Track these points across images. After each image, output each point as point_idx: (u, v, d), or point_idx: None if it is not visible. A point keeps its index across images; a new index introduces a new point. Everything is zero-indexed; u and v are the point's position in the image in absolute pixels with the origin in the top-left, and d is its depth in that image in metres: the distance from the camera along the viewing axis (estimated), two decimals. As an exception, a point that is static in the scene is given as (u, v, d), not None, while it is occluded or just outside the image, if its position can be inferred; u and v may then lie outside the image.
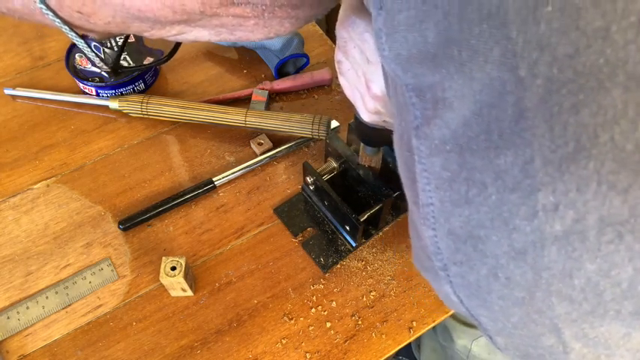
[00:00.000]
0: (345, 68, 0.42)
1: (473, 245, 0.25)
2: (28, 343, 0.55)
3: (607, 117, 0.19)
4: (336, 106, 0.75)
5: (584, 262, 0.22)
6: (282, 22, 0.34)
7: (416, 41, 0.23)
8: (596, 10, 0.18)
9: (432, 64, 0.23)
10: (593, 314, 0.23)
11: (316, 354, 0.55)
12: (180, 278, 0.54)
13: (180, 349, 0.55)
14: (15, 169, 0.68)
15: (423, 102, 0.24)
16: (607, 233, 0.21)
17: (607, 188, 0.20)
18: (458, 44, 0.21)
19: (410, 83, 0.25)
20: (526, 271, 0.24)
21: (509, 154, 0.21)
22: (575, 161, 0.20)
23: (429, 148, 0.25)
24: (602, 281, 0.22)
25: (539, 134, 0.20)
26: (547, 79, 0.20)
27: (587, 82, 0.19)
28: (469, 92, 0.22)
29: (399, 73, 0.25)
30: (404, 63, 0.24)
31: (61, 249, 0.61)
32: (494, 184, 0.23)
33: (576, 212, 0.21)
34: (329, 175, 0.62)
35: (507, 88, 0.21)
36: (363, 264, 0.61)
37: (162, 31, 0.34)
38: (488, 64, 0.21)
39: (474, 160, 0.23)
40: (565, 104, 0.20)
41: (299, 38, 0.76)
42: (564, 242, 0.22)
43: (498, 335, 0.29)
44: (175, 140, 0.71)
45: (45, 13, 0.33)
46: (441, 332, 0.89)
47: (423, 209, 0.27)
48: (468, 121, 0.22)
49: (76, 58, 0.74)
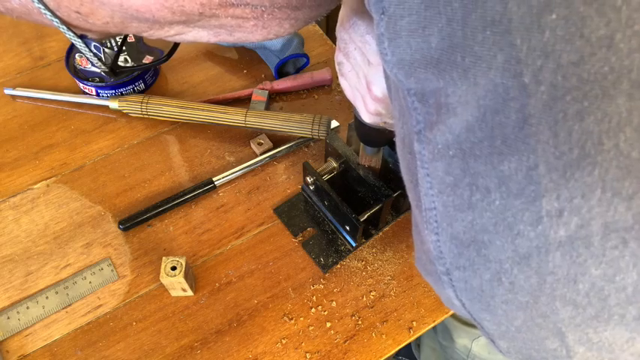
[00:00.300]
0: (345, 70, 0.42)
1: (476, 250, 0.25)
2: (28, 343, 0.55)
3: (612, 124, 0.19)
4: (336, 106, 0.75)
5: (588, 267, 0.22)
6: (282, 23, 0.33)
7: (419, 47, 0.23)
8: (601, 18, 0.18)
9: (435, 69, 0.23)
10: (597, 319, 0.23)
11: (316, 354, 0.55)
12: (180, 278, 0.54)
13: (181, 349, 0.55)
14: (15, 169, 0.68)
15: (425, 107, 0.25)
16: (611, 239, 0.21)
17: (611, 195, 0.20)
18: (461, 50, 0.21)
19: (412, 88, 0.25)
20: (530, 275, 0.24)
21: (513, 160, 0.22)
22: (580, 168, 0.20)
23: (431, 153, 0.25)
24: (607, 286, 0.22)
25: (543, 141, 0.20)
26: (551, 86, 0.20)
27: (592, 89, 0.19)
28: (473, 98, 0.22)
29: (402, 78, 0.25)
30: (407, 68, 0.24)
31: (61, 249, 0.61)
32: (497, 189, 0.23)
33: (581, 218, 0.21)
34: (329, 175, 0.62)
35: (511, 95, 0.21)
36: (363, 264, 0.61)
37: (160, 32, 0.34)
38: (492, 71, 0.21)
39: (478, 165, 0.23)
40: (569, 111, 0.20)
41: (299, 38, 0.76)
42: (569, 248, 0.22)
43: (501, 339, 0.29)
44: (175, 140, 0.71)
45: (43, 12, 0.33)
46: (442, 332, 0.89)
47: (425, 213, 0.27)
48: (471, 127, 0.22)
49: (76, 58, 0.74)
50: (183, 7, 0.30)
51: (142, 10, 0.31)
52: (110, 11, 0.31)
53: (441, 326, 0.89)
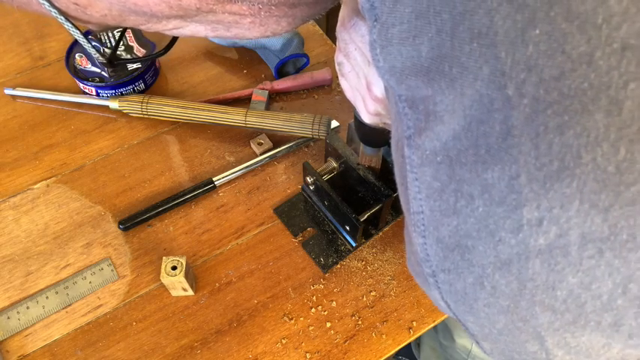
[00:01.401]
0: (345, 70, 0.42)
1: (460, 254, 0.26)
2: (28, 343, 0.55)
3: (590, 139, 0.20)
4: (336, 106, 0.75)
5: (566, 275, 0.23)
6: (279, 20, 0.34)
7: (410, 55, 0.24)
8: (582, 35, 0.19)
9: (425, 77, 0.24)
10: (575, 324, 0.24)
11: (316, 354, 0.55)
12: (181, 278, 0.54)
13: (181, 349, 0.55)
14: (15, 169, 0.68)
15: (415, 113, 0.25)
16: (588, 249, 0.22)
17: (589, 207, 0.21)
18: (450, 60, 0.22)
19: (403, 94, 0.26)
20: (511, 281, 0.24)
21: (496, 170, 0.22)
22: (559, 180, 0.21)
23: (420, 158, 0.26)
24: (584, 294, 0.23)
25: (525, 152, 0.21)
26: (534, 99, 0.20)
27: (572, 104, 0.20)
28: (459, 107, 0.23)
29: (393, 85, 0.26)
30: (398, 75, 0.25)
31: (61, 249, 0.61)
32: (481, 196, 0.23)
33: (559, 228, 0.22)
34: (329, 175, 0.62)
35: (495, 106, 0.21)
36: (363, 264, 0.61)
37: (158, 25, 0.34)
38: (477, 82, 0.21)
39: (463, 172, 0.24)
40: (550, 124, 0.20)
41: (299, 38, 0.76)
42: (547, 256, 0.23)
43: (484, 340, 0.30)
44: (175, 140, 0.71)
45: (41, 2, 0.33)
46: (442, 331, 0.90)
47: (413, 216, 0.28)
48: (457, 135, 0.23)
49: (76, 58, 0.74)
50: (180, 2, 0.31)
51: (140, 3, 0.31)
52: (108, 4, 0.31)
53: (442, 325, 0.89)
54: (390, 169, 0.59)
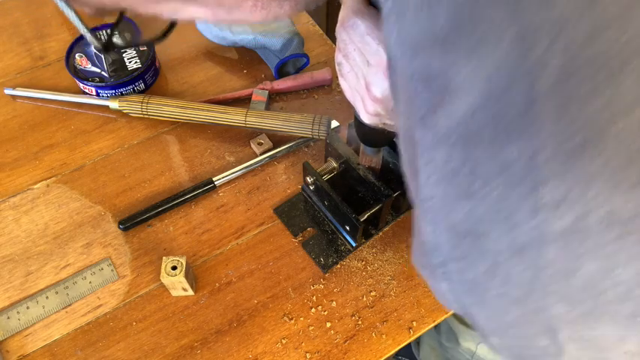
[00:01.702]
0: (345, 70, 0.42)
1: (472, 241, 0.25)
2: (28, 343, 0.56)
3: (618, 108, 0.19)
4: (336, 106, 0.75)
5: (584, 261, 0.22)
6: (282, 4, 0.32)
7: (425, 25, 0.22)
8: None
9: (441, 48, 0.22)
10: (591, 315, 0.23)
11: (316, 354, 0.55)
12: (181, 278, 0.54)
13: (181, 349, 0.55)
14: (15, 169, 0.68)
15: (429, 91, 0.24)
16: (609, 232, 0.21)
17: (612, 185, 0.20)
18: (468, 29, 0.21)
19: (417, 72, 0.24)
20: (524, 269, 0.23)
21: (515, 147, 0.21)
22: (582, 156, 0.20)
23: (434, 138, 0.24)
24: (602, 282, 0.22)
25: (547, 125, 0.20)
26: (558, 67, 0.19)
27: (599, 71, 0.19)
28: (477, 79, 0.21)
29: (407, 60, 0.24)
30: (413, 47, 0.24)
31: (61, 249, 0.62)
32: (498, 177, 0.22)
33: (579, 210, 0.21)
34: (329, 175, 0.62)
35: (517, 76, 0.20)
36: (363, 264, 0.61)
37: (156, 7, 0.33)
38: (498, 50, 0.20)
39: (478, 152, 0.22)
40: (575, 93, 0.19)
41: (299, 38, 0.76)
42: (565, 241, 0.22)
43: (492, 334, 0.29)
44: (175, 140, 0.71)
45: None
46: (446, 333, 0.89)
47: (423, 204, 0.27)
48: (474, 111, 0.22)
49: (76, 58, 0.74)
50: None
51: None
52: None
53: (446, 328, 0.88)
54: (390, 169, 0.59)
